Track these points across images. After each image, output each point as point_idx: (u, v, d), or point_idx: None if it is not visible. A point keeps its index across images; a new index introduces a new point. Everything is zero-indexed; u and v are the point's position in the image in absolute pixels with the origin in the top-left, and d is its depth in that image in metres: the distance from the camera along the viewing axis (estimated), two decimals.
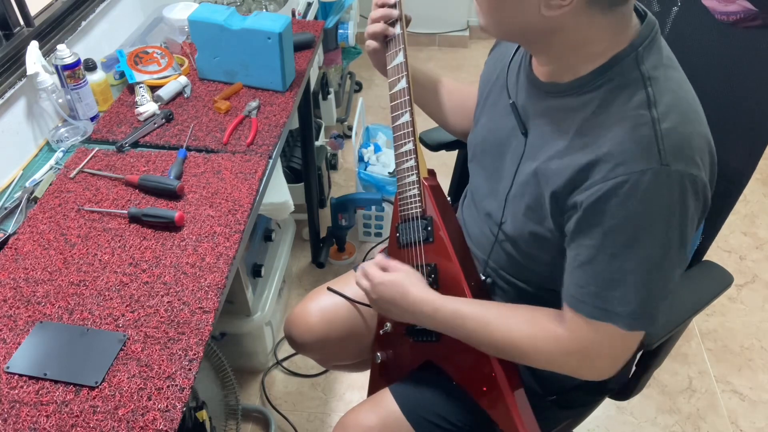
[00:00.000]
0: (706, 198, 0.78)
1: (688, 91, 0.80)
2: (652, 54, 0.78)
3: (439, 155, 1.38)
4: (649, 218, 0.74)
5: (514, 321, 0.88)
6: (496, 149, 0.97)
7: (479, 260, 1.04)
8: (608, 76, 0.78)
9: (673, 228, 0.75)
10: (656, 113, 0.74)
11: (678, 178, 0.73)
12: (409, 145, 1.01)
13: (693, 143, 0.75)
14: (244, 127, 1.35)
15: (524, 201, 0.89)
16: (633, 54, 0.77)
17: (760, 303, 2.08)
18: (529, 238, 0.91)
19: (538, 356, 0.86)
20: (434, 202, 1.01)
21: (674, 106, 0.75)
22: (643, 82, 0.76)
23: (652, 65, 0.77)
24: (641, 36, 0.78)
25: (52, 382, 0.88)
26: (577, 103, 0.81)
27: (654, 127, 0.74)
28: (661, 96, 0.75)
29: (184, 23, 1.65)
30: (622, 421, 1.74)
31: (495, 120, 0.97)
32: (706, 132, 0.78)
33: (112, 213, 1.14)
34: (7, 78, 1.27)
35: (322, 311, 1.24)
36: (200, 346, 0.92)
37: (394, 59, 1.03)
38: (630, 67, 0.77)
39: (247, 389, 1.82)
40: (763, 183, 2.53)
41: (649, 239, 0.75)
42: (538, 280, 0.96)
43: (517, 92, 0.92)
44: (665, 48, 0.81)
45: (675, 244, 0.76)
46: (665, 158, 0.72)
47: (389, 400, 1.06)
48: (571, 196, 0.80)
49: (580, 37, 0.77)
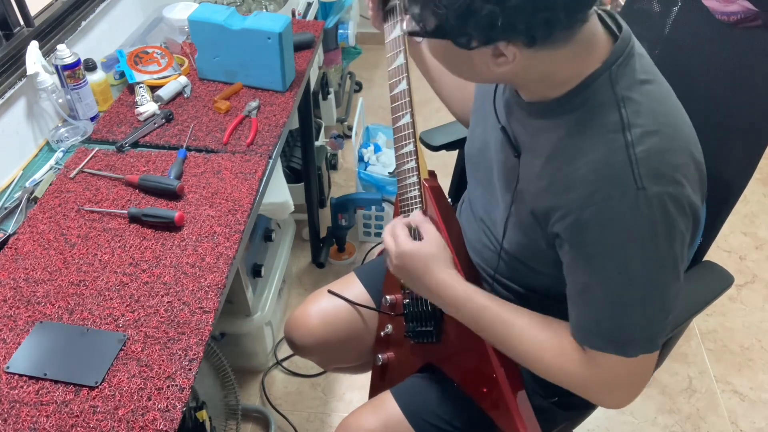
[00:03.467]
0: (695, 212, 0.75)
1: (670, 105, 0.77)
2: (627, 71, 0.75)
3: (439, 155, 1.38)
4: (633, 243, 0.73)
5: (542, 335, 0.85)
6: (489, 164, 0.96)
7: (478, 267, 1.04)
8: (583, 97, 0.76)
9: (662, 248, 0.73)
10: (630, 136, 0.72)
11: (658, 200, 0.71)
12: (410, 146, 1.01)
13: (672, 161, 0.73)
14: (244, 127, 1.35)
15: (518, 219, 0.88)
16: (606, 74, 0.75)
17: (760, 303, 2.08)
18: (528, 255, 0.90)
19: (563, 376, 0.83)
20: (435, 203, 1.01)
21: (651, 126, 0.73)
22: (616, 104, 0.74)
23: (627, 84, 0.75)
24: (615, 53, 0.75)
25: (52, 382, 0.88)
26: (554, 125, 0.80)
27: (628, 152, 0.72)
28: (636, 117, 0.73)
29: (184, 23, 1.65)
30: (622, 421, 1.74)
31: (488, 134, 0.96)
32: (689, 145, 0.76)
33: (112, 213, 1.14)
34: (7, 78, 1.27)
35: (322, 314, 1.23)
36: (200, 346, 0.92)
37: (394, 61, 1.03)
38: (603, 87, 0.75)
39: (247, 389, 1.82)
40: (763, 183, 2.53)
41: (638, 264, 0.74)
42: (542, 289, 0.95)
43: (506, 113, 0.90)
44: (644, 60, 0.78)
45: (668, 264, 0.74)
46: (641, 182, 0.71)
47: (391, 403, 1.06)
48: (551, 223, 0.79)
49: (541, 71, 0.75)
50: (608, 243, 0.74)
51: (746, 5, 0.93)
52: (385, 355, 1.20)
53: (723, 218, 1.05)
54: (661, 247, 0.73)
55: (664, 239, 0.73)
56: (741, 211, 2.40)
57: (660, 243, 0.73)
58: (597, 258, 0.75)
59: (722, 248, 2.26)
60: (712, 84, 1.01)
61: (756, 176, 1.09)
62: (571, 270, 0.80)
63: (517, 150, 0.86)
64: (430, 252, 0.92)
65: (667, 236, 0.73)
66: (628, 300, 0.76)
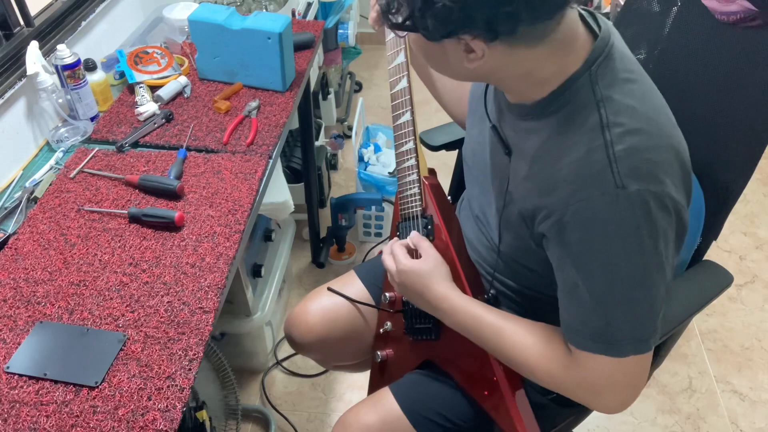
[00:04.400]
0: (679, 211, 0.75)
1: (651, 103, 0.77)
2: (608, 70, 0.76)
3: (439, 155, 1.38)
4: (616, 242, 0.73)
5: (528, 339, 0.85)
6: (484, 164, 0.96)
7: (476, 264, 1.04)
8: (564, 98, 0.76)
9: (646, 247, 0.73)
10: (609, 136, 0.72)
11: (638, 198, 0.71)
12: (410, 144, 1.02)
13: (654, 159, 0.72)
14: (244, 127, 1.35)
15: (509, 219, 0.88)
16: (586, 74, 0.75)
17: (760, 303, 2.08)
18: (520, 254, 0.91)
19: (552, 381, 0.83)
20: (434, 200, 1.01)
21: (631, 124, 0.73)
22: (596, 104, 0.74)
23: (608, 83, 0.75)
24: (595, 52, 0.75)
25: (52, 382, 0.88)
26: (538, 126, 0.80)
27: (607, 151, 0.72)
28: (617, 116, 0.73)
29: (184, 23, 1.65)
30: (622, 421, 1.74)
31: (483, 135, 0.96)
32: (672, 142, 0.76)
33: (112, 213, 1.14)
34: (7, 78, 1.27)
35: (322, 311, 1.24)
36: (200, 346, 0.92)
37: (394, 59, 1.03)
38: (583, 88, 0.75)
39: (247, 389, 1.82)
40: (763, 183, 2.53)
41: (623, 262, 0.73)
42: (538, 287, 0.96)
43: (497, 114, 0.91)
44: (625, 59, 0.78)
45: (653, 262, 0.74)
46: (620, 181, 0.71)
47: (389, 399, 1.06)
48: (536, 223, 0.80)
49: (519, 70, 0.76)
50: (591, 242, 0.74)
51: (746, 5, 0.93)
52: (384, 352, 1.20)
53: (723, 218, 1.05)
54: (645, 246, 0.73)
55: (648, 237, 0.73)
56: (741, 211, 2.40)
57: (644, 241, 0.73)
58: (581, 257, 0.75)
59: (722, 248, 2.26)
60: (712, 84, 1.01)
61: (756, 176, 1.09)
62: (559, 270, 0.80)
63: (508, 149, 0.87)
64: (427, 269, 0.94)
65: (650, 234, 0.72)
66: (614, 299, 0.75)
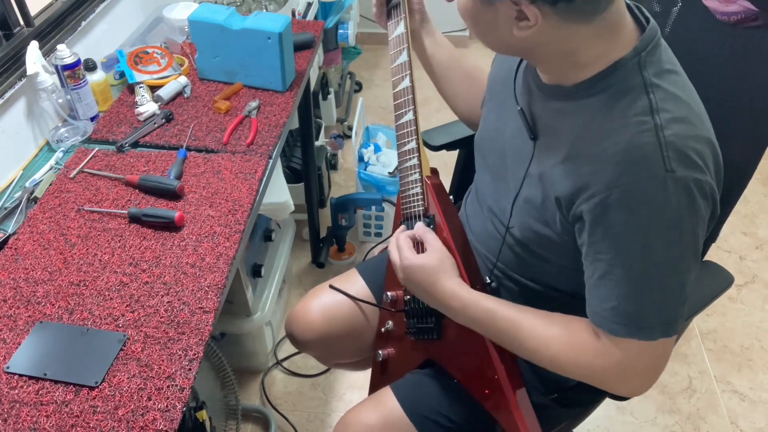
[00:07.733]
0: (715, 201, 0.77)
1: (692, 95, 0.79)
2: (655, 59, 0.78)
3: (439, 155, 1.38)
4: (659, 225, 0.74)
5: (550, 330, 0.85)
6: (502, 150, 0.96)
7: (482, 257, 1.04)
8: (609, 81, 0.78)
9: (686, 233, 0.74)
10: (659, 120, 0.74)
11: (684, 184, 0.72)
12: (412, 143, 1.02)
13: (697, 148, 0.74)
14: (244, 127, 1.35)
15: (531, 204, 0.88)
16: (635, 59, 0.77)
17: (760, 303, 2.08)
18: (536, 240, 0.91)
19: (577, 369, 0.84)
20: (436, 200, 1.01)
21: (678, 112, 0.75)
22: (645, 89, 0.76)
23: (655, 71, 0.77)
24: (644, 41, 0.77)
25: (52, 382, 0.88)
26: (578, 107, 0.81)
27: (657, 134, 0.73)
28: (664, 102, 0.75)
29: (184, 23, 1.65)
30: (622, 421, 1.74)
31: (502, 120, 0.97)
32: (711, 136, 0.78)
33: (112, 213, 1.14)
34: (7, 78, 1.27)
35: (323, 309, 1.24)
36: (200, 346, 0.92)
37: (397, 58, 1.03)
38: (632, 72, 0.77)
39: (247, 389, 1.82)
40: (763, 183, 2.53)
41: (662, 247, 0.74)
42: (547, 279, 0.96)
43: (525, 96, 0.92)
44: (668, 52, 0.81)
45: (689, 249, 0.75)
46: (669, 165, 0.72)
47: (390, 399, 1.06)
48: (576, 204, 0.79)
49: (564, 47, 0.77)
50: (634, 224, 0.74)
51: (746, 5, 0.93)
52: (386, 351, 1.20)
53: (723, 218, 1.05)
54: (685, 231, 0.74)
55: (689, 223, 0.74)
56: (741, 211, 2.40)
57: (684, 226, 0.74)
58: (622, 238, 0.76)
59: (722, 248, 2.27)
60: (712, 84, 1.01)
61: (756, 176, 1.09)
62: (591, 254, 0.80)
63: (534, 133, 0.88)
64: (432, 264, 0.92)
65: (691, 220, 0.74)
66: (650, 281, 0.76)
